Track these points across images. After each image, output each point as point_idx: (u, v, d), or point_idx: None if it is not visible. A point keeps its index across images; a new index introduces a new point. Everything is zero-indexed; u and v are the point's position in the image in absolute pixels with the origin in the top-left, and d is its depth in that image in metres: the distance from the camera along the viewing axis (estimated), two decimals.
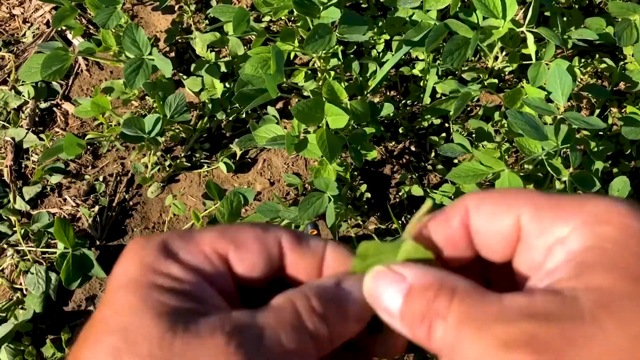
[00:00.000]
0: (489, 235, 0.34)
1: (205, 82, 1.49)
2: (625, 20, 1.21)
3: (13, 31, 1.75)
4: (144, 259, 0.33)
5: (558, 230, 0.31)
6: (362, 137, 1.21)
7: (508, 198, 0.33)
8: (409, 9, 1.29)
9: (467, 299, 0.30)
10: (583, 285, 0.28)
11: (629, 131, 1.17)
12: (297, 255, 0.36)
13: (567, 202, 0.31)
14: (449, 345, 0.30)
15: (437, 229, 0.35)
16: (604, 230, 0.29)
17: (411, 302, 0.32)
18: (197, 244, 0.34)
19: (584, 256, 0.29)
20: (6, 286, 1.37)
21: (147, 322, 0.30)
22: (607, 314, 0.26)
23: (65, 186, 1.49)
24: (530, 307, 0.28)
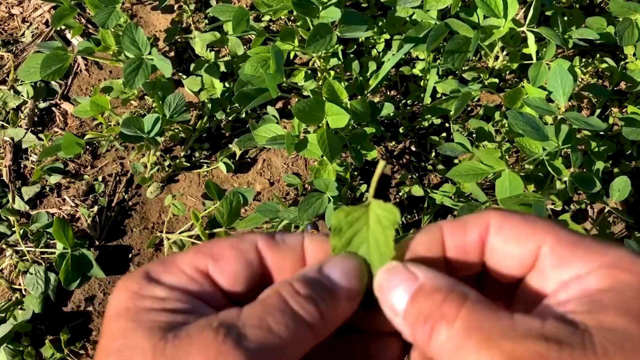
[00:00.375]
0: (504, 256, 0.34)
1: (205, 81, 1.49)
2: (627, 20, 1.21)
3: (12, 31, 1.75)
4: (129, 287, 0.34)
5: (576, 268, 0.32)
6: (362, 137, 1.20)
7: (532, 225, 0.33)
8: (409, 9, 1.29)
9: (478, 309, 0.30)
10: (596, 322, 0.28)
11: (630, 131, 1.17)
12: (276, 255, 0.36)
13: (590, 244, 0.32)
14: (450, 351, 0.30)
15: (452, 236, 0.35)
16: (623, 277, 0.30)
17: (418, 301, 0.32)
18: (177, 266, 0.35)
19: (599, 296, 0.30)
20: (5, 286, 1.37)
21: (140, 339, 0.31)
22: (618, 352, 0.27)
23: (64, 186, 1.49)
24: (543, 329, 0.28)
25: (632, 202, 1.37)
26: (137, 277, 0.35)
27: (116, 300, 0.34)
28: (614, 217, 1.32)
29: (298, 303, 0.33)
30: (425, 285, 0.33)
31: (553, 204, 1.29)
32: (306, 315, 0.33)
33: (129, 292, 0.34)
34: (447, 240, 0.35)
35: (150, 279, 0.35)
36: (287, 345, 0.31)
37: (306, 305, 0.33)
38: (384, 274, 0.35)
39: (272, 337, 0.31)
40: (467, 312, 0.30)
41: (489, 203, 1.13)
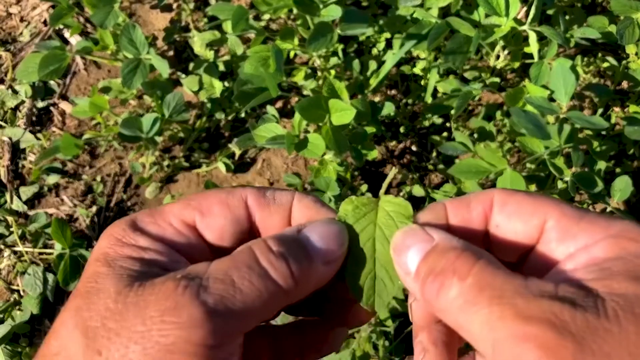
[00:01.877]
0: (509, 232, 0.34)
1: (204, 81, 1.48)
2: (628, 19, 1.20)
3: (10, 30, 1.74)
4: (113, 234, 0.35)
5: (582, 240, 0.32)
6: (363, 136, 1.20)
7: (536, 201, 0.34)
8: (410, 7, 1.28)
9: (491, 267, 0.30)
10: (607, 289, 0.28)
11: (632, 131, 1.16)
12: (264, 212, 0.36)
13: (594, 217, 0.32)
14: (460, 307, 0.29)
15: (456, 212, 0.35)
16: (630, 246, 0.30)
17: (431, 258, 0.32)
18: (164, 217, 0.35)
19: (607, 264, 0.30)
20: (3, 287, 1.36)
21: (108, 284, 0.31)
22: (630, 317, 0.27)
23: (62, 186, 1.48)
24: (556, 291, 0.28)
25: (634, 202, 1.36)
26: (124, 224, 0.35)
27: (98, 246, 0.35)
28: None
29: (268, 260, 0.32)
30: (440, 244, 0.33)
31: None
32: (275, 274, 0.32)
33: (111, 238, 0.34)
34: (451, 217, 0.35)
35: (136, 228, 0.35)
36: (249, 302, 0.31)
37: (276, 262, 0.32)
38: (400, 234, 0.35)
39: (234, 291, 0.30)
40: (480, 269, 0.30)
41: None
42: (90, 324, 0.30)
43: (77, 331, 0.30)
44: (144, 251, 0.34)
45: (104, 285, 0.32)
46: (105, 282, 0.32)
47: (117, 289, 0.31)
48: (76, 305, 0.31)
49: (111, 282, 0.32)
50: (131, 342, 0.29)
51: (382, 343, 1.07)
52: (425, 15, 1.22)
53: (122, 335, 0.29)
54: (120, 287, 0.31)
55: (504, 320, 0.28)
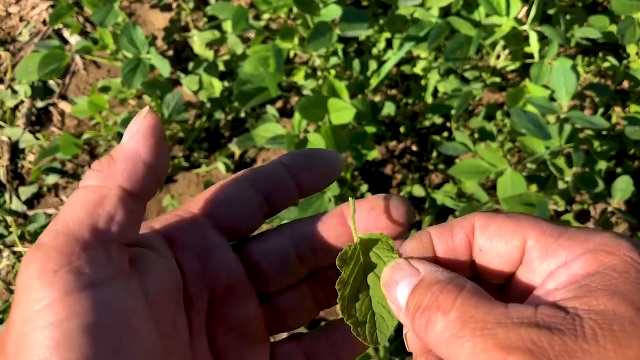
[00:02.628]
0: (492, 255, 0.35)
1: (204, 81, 1.48)
2: (628, 18, 1.20)
3: (9, 29, 1.74)
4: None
5: (562, 257, 0.32)
6: (363, 136, 1.19)
7: (515, 221, 0.34)
8: (410, 7, 1.28)
9: (473, 299, 0.31)
10: (586, 306, 0.29)
11: (633, 131, 1.16)
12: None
13: (573, 233, 0.33)
14: (446, 341, 0.30)
15: (440, 240, 0.36)
16: (608, 260, 0.30)
17: (418, 293, 0.33)
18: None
19: (587, 280, 0.30)
20: (2, 287, 1.36)
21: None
22: (607, 334, 0.27)
23: (62, 186, 1.48)
24: (535, 317, 0.29)
25: (635, 202, 1.36)
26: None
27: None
28: (616, 218, 1.31)
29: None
30: (425, 278, 0.33)
31: (555, 204, 1.28)
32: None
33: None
34: (436, 244, 0.36)
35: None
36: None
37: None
38: (387, 270, 0.35)
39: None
40: (462, 303, 0.31)
41: (490, 203, 1.12)
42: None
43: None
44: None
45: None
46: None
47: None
48: None
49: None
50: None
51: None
52: (425, 15, 1.22)
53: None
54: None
55: (487, 351, 0.28)
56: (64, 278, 0.29)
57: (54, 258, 0.29)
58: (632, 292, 0.29)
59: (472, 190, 1.22)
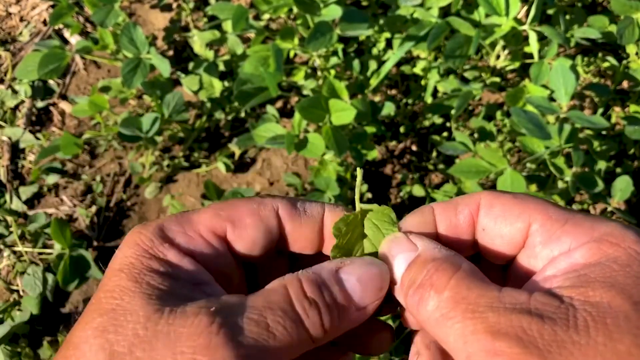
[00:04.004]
0: (495, 235, 0.34)
1: (204, 80, 1.48)
2: (628, 18, 1.20)
3: (10, 29, 1.74)
4: (141, 244, 0.33)
5: (566, 243, 0.32)
6: (363, 136, 1.19)
7: (522, 203, 0.33)
8: (410, 7, 1.28)
9: (467, 280, 0.30)
10: (582, 297, 0.28)
11: (633, 131, 1.16)
12: (295, 223, 0.36)
13: (579, 219, 0.32)
14: (436, 319, 0.30)
15: (443, 215, 0.35)
16: (611, 251, 0.30)
17: (413, 269, 0.32)
18: (194, 227, 0.34)
19: (587, 270, 0.30)
20: (3, 287, 1.36)
21: (136, 304, 0.30)
22: (600, 327, 0.27)
23: (62, 186, 1.48)
24: (528, 303, 0.28)
25: (635, 202, 1.36)
26: (151, 232, 0.34)
27: (123, 254, 0.33)
28: (616, 218, 1.31)
29: (302, 307, 0.31)
30: (422, 255, 0.33)
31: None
32: (307, 322, 0.31)
33: (138, 248, 0.33)
34: (439, 220, 0.35)
35: (164, 238, 0.33)
36: (282, 348, 0.30)
37: (310, 311, 0.31)
38: (385, 243, 0.35)
39: (268, 336, 0.30)
40: (456, 283, 0.30)
41: None
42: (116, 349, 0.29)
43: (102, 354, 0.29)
44: (172, 267, 0.33)
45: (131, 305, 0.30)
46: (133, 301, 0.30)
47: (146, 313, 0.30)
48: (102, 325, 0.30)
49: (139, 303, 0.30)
50: None
51: None
52: (425, 15, 1.22)
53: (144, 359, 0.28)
54: (149, 311, 0.30)
55: (476, 334, 0.28)
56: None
57: None
58: (631, 286, 0.28)
59: (471, 189, 1.22)
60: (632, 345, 0.26)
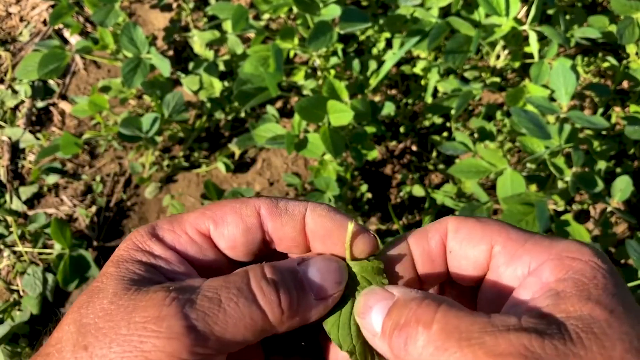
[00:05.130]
0: (460, 258, 0.36)
1: (204, 80, 1.48)
2: (628, 18, 1.20)
3: (10, 29, 1.74)
4: (133, 239, 0.36)
5: (527, 262, 0.33)
6: (363, 136, 1.19)
7: (485, 226, 0.35)
8: (410, 7, 1.28)
9: (453, 311, 0.31)
10: (564, 313, 0.30)
11: (633, 131, 1.16)
12: (276, 222, 0.36)
13: (538, 239, 0.34)
14: (429, 355, 0.30)
15: (416, 244, 0.37)
16: (576, 265, 0.32)
17: (394, 313, 0.32)
18: (182, 225, 0.36)
19: (560, 287, 0.31)
20: (3, 287, 1.36)
21: (110, 284, 0.33)
22: (591, 337, 0.28)
23: (62, 186, 1.48)
24: (521, 324, 0.29)
25: (635, 202, 1.36)
26: (144, 229, 0.36)
27: (117, 249, 0.36)
28: (616, 218, 1.31)
29: (258, 285, 0.33)
30: (401, 298, 0.33)
31: (555, 204, 1.28)
32: (262, 300, 0.32)
33: (129, 242, 0.36)
34: (413, 249, 0.37)
35: (153, 234, 0.36)
36: (230, 324, 0.31)
37: (266, 289, 0.33)
38: (361, 298, 0.35)
39: (219, 311, 0.31)
40: (443, 314, 0.30)
41: (490, 203, 1.12)
42: (85, 321, 0.32)
43: (73, 326, 0.32)
44: (154, 258, 0.35)
45: (105, 285, 0.33)
46: (108, 282, 0.33)
47: (115, 291, 0.32)
48: (80, 302, 0.33)
49: (112, 283, 0.33)
50: (114, 342, 0.30)
51: None
52: (425, 15, 1.22)
53: (107, 335, 0.31)
54: (119, 289, 0.32)
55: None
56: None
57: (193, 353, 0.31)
58: (603, 297, 0.30)
59: (471, 190, 1.22)
60: (624, 351, 0.28)
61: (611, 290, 0.30)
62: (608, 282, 0.31)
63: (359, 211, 1.37)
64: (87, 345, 0.31)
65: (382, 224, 1.36)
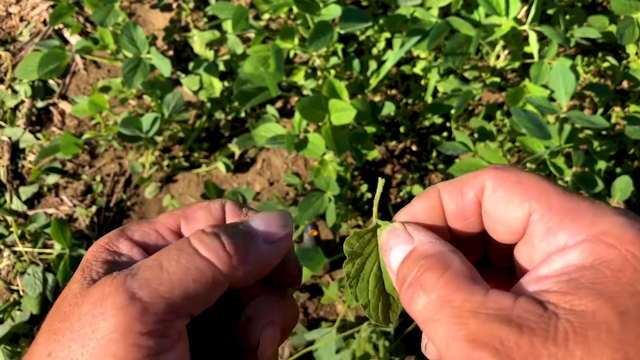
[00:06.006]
0: (495, 220, 0.34)
1: (204, 80, 1.48)
2: (628, 18, 1.20)
3: (10, 29, 1.74)
4: (100, 242, 0.36)
5: (563, 240, 0.30)
6: (363, 136, 1.19)
7: (525, 189, 0.32)
8: (410, 7, 1.28)
9: (455, 281, 0.30)
10: (567, 305, 0.27)
11: (633, 131, 1.16)
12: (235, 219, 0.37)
13: (582, 210, 0.30)
14: (424, 320, 0.30)
15: (449, 197, 0.35)
16: (607, 254, 0.28)
17: (406, 265, 0.33)
18: (152, 225, 0.37)
19: (579, 274, 0.28)
20: (3, 287, 1.36)
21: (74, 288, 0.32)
22: (579, 340, 0.26)
23: (62, 186, 1.48)
24: (511, 310, 0.28)
25: (635, 202, 1.36)
26: (112, 233, 0.36)
27: (86, 253, 0.36)
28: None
29: (199, 239, 0.32)
30: (416, 249, 0.33)
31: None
32: (205, 250, 0.32)
33: (96, 245, 0.36)
34: (446, 203, 0.35)
35: (121, 235, 0.36)
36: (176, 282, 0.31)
37: (207, 240, 0.32)
38: (384, 235, 0.35)
39: (161, 274, 0.31)
40: (444, 283, 0.30)
41: None
42: (50, 329, 0.31)
43: (42, 337, 0.32)
44: (120, 256, 0.35)
45: (70, 290, 0.33)
46: (72, 286, 0.33)
47: (74, 292, 0.32)
48: (50, 312, 0.33)
49: (75, 286, 0.32)
50: (71, 342, 0.30)
51: (382, 343, 1.06)
52: (425, 14, 1.22)
53: (65, 335, 0.30)
54: (77, 290, 0.32)
55: (457, 340, 0.28)
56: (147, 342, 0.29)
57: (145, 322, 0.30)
58: (619, 294, 0.27)
59: None
60: None
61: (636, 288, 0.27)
62: (636, 278, 0.27)
63: (358, 211, 1.37)
64: (51, 352, 0.30)
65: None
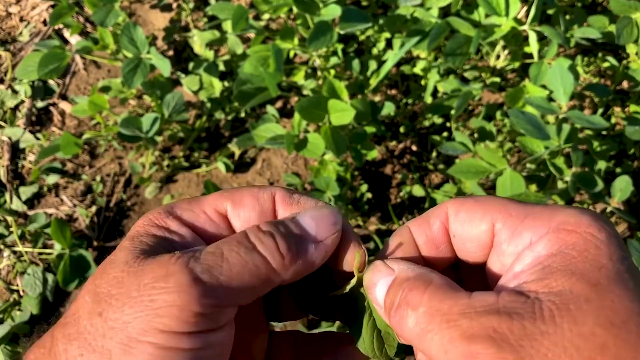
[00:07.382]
0: (465, 239, 0.36)
1: (204, 80, 1.48)
2: (626, 18, 1.20)
3: (10, 29, 1.74)
4: (150, 216, 0.38)
5: (527, 238, 0.33)
6: (363, 136, 1.19)
7: (483, 205, 0.36)
8: (410, 7, 1.28)
9: (439, 293, 0.32)
10: (546, 288, 0.30)
11: (633, 131, 1.16)
12: (287, 211, 0.38)
13: (538, 212, 0.34)
14: (417, 335, 0.32)
15: (419, 231, 0.38)
16: (570, 239, 0.32)
17: (391, 292, 0.34)
18: (200, 205, 0.38)
19: (549, 261, 0.31)
20: (3, 287, 1.36)
21: (122, 255, 0.35)
22: (564, 314, 0.29)
23: (62, 186, 1.48)
24: (496, 304, 0.30)
25: (635, 202, 1.36)
26: (161, 209, 0.38)
27: (135, 224, 0.38)
28: (616, 218, 1.31)
29: (256, 236, 0.35)
30: (398, 277, 0.35)
31: (555, 204, 1.28)
32: (261, 247, 0.34)
33: (146, 219, 0.38)
34: (416, 237, 0.38)
35: (171, 213, 0.38)
36: (235, 272, 0.33)
37: (263, 237, 0.34)
38: (368, 273, 0.37)
39: (222, 261, 0.33)
40: (429, 297, 0.32)
41: None
42: (98, 290, 0.34)
43: (88, 296, 0.34)
44: (169, 233, 0.37)
45: (117, 257, 0.35)
46: (120, 254, 0.35)
47: (126, 260, 0.34)
48: (94, 274, 0.35)
49: (124, 254, 0.35)
50: (125, 306, 0.32)
51: None
52: (425, 15, 1.22)
53: (119, 299, 0.32)
54: (129, 258, 0.34)
55: (454, 342, 0.30)
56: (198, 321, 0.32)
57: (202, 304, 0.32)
58: (589, 270, 0.30)
59: (471, 190, 1.22)
60: (594, 326, 0.28)
61: (601, 262, 0.30)
62: (600, 254, 0.31)
63: (358, 211, 1.37)
64: (102, 312, 0.32)
65: (382, 224, 1.36)
